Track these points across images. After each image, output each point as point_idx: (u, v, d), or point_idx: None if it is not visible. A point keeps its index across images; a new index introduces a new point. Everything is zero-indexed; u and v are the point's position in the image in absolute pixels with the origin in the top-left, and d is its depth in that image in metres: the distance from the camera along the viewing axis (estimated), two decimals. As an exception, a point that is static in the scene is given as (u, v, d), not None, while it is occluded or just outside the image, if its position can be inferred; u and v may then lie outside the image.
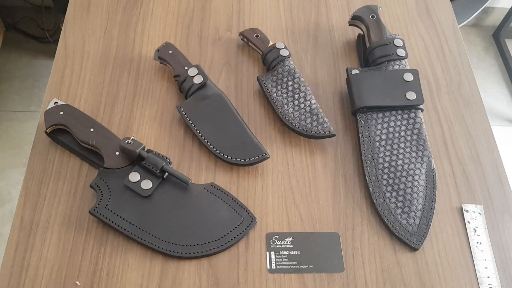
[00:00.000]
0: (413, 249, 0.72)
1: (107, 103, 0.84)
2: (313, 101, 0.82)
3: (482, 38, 2.23)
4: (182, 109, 0.81)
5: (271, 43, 0.88)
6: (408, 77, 0.82)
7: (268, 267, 0.70)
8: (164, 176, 0.74)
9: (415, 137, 0.79)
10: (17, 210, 0.72)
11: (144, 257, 0.70)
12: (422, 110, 0.82)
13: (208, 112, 0.81)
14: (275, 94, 0.83)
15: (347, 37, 0.96)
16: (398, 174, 0.76)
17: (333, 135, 0.79)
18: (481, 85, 2.03)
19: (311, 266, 0.70)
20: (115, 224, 0.70)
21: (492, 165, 0.81)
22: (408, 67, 0.85)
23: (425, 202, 0.74)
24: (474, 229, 0.74)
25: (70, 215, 0.72)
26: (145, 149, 0.75)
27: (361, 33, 0.92)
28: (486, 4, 1.92)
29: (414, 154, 0.77)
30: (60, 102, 0.79)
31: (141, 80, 0.87)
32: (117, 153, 0.74)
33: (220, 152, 0.78)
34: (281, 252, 0.71)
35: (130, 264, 0.69)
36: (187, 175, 0.76)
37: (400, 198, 0.74)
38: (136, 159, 0.74)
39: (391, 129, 0.79)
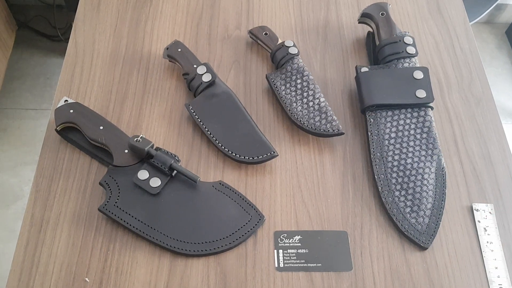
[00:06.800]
0: (422, 248, 0.72)
1: (117, 101, 0.84)
2: (322, 99, 0.81)
3: (495, 36, 2.20)
4: (191, 107, 0.81)
5: (280, 41, 0.88)
6: (418, 75, 0.81)
7: (276, 265, 0.70)
8: (173, 174, 0.74)
9: (424, 135, 0.78)
10: (28, 207, 0.73)
11: (152, 254, 0.70)
12: (432, 108, 0.81)
13: (216, 110, 0.81)
14: (283, 92, 0.83)
15: (357, 35, 0.96)
16: (408, 172, 0.75)
17: (342, 133, 0.79)
18: (493, 82, 2.01)
19: (319, 265, 0.70)
20: (124, 221, 0.70)
21: (503, 164, 0.80)
22: (418, 65, 0.84)
23: (434, 201, 0.74)
24: (485, 228, 0.74)
25: (80, 212, 0.73)
26: (154, 147, 0.75)
27: (371, 30, 0.92)
28: (499, 1, 1.90)
29: (423, 153, 0.77)
30: (70, 100, 0.79)
31: (150, 78, 0.88)
32: (126, 151, 0.75)
33: (228, 150, 0.78)
34: (289, 250, 0.71)
35: (139, 261, 0.69)
36: (195, 173, 0.77)
37: (409, 197, 0.74)
38: (145, 157, 0.74)
39: (400, 128, 0.79)
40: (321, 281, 0.69)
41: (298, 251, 0.71)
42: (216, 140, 0.79)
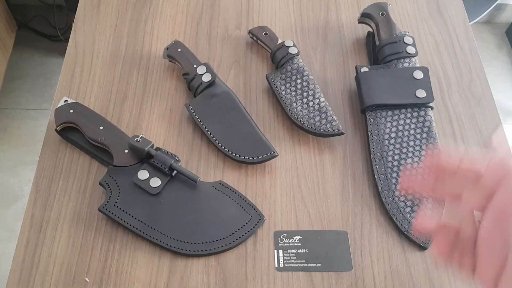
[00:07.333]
0: (422, 248, 0.72)
1: (117, 101, 0.84)
2: (322, 99, 0.81)
3: (495, 35, 2.20)
4: (191, 107, 0.81)
5: (280, 41, 0.88)
6: (418, 75, 0.81)
7: (276, 265, 0.70)
8: (173, 174, 0.74)
9: (424, 135, 0.78)
10: (28, 207, 0.73)
11: (152, 254, 0.70)
12: (432, 108, 0.81)
13: (216, 110, 0.81)
14: (283, 92, 0.83)
15: (357, 35, 0.96)
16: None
17: (342, 133, 0.79)
18: (493, 82, 2.01)
19: (319, 265, 0.70)
20: (124, 221, 0.70)
21: (503, 164, 0.80)
22: (418, 65, 0.84)
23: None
24: (485, 228, 0.74)
25: (80, 213, 0.73)
26: (154, 147, 0.75)
27: (371, 30, 0.92)
28: (499, 1, 1.90)
29: (423, 153, 0.77)
30: (70, 100, 0.79)
31: (150, 78, 0.88)
32: (126, 151, 0.75)
33: (228, 150, 0.78)
34: (289, 250, 0.71)
35: (139, 261, 0.69)
36: (195, 173, 0.77)
37: (409, 197, 0.74)
38: (145, 157, 0.74)
39: (400, 127, 0.79)
40: (321, 281, 0.69)
41: (298, 251, 0.71)
42: (216, 140, 0.79)
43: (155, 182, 0.72)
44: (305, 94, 0.82)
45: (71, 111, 0.78)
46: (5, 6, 1.84)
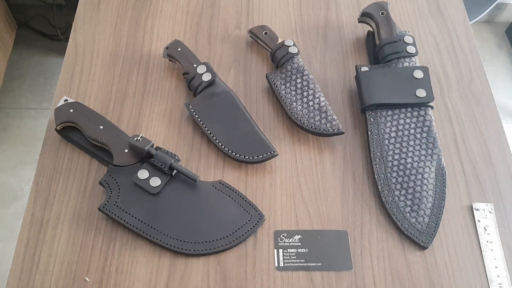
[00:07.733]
0: (422, 247, 0.72)
1: (117, 100, 0.84)
2: (322, 99, 0.81)
3: (495, 35, 2.20)
4: (191, 107, 0.81)
5: (280, 40, 0.88)
6: (418, 74, 0.81)
7: (276, 265, 0.70)
8: (173, 174, 0.74)
9: (424, 135, 0.78)
10: (28, 207, 0.73)
11: (152, 253, 0.70)
12: (432, 107, 0.81)
13: (216, 110, 0.81)
14: (283, 91, 0.83)
15: (357, 34, 0.96)
16: (407, 172, 0.75)
17: (342, 133, 0.79)
18: (493, 82, 2.01)
19: (319, 264, 0.70)
20: (124, 220, 0.70)
21: (503, 164, 0.80)
22: (418, 64, 0.84)
23: (434, 200, 0.74)
24: (485, 227, 0.74)
25: (80, 212, 0.73)
26: (154, 147, 0.75)
27: (371, 30, 0.92)
28: (499, 0, 1.90)
29: (423, 152, 0.77)
30: (70, 100, 0.79)
31: (150, 77, 0.88)
32: (126, 150, 0.75)
33: (228, 150, 0.78)
34: (289, 250, 0.71)
35: (139, 260, 0.69)
36: (195, 172, 0.77)
37: (409, 196, 0.74)
38: (145, 156, 0.74)
39: (400, 127, 0.79)
40: (321, 280, 0.69)
41: (298, 250, 0.71)
42: (216, 139, 0.79)
43: (155, 182, 0.72)
44: (305, 93, 0.82)
45: (71, 110, 0.78)
46: (5, 5, 1.84)
